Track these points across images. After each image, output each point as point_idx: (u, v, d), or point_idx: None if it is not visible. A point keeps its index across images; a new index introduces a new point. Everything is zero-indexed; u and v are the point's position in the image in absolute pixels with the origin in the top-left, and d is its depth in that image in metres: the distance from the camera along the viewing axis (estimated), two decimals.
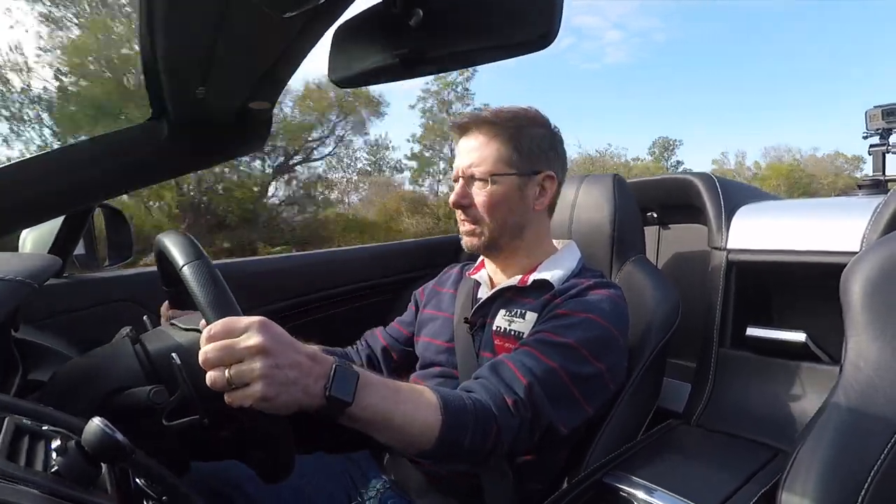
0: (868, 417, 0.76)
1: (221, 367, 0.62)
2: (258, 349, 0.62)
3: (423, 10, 0.51)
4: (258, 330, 0.63)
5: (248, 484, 0.99)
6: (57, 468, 0.51)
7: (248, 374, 0.62)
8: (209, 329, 0.63)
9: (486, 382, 0.88)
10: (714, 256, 1.27)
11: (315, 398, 0.67)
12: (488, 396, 0.85)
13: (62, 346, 1.00)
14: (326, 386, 0.67)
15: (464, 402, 0.82)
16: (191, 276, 0.68)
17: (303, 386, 0.65)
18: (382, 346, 1.24)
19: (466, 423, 0.80)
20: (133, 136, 0.82)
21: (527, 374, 0.88)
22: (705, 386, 1.20)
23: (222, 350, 0.62)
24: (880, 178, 1.56)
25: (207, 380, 0.63)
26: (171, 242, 0.73)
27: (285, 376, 0.63)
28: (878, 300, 0.82)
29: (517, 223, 1.06)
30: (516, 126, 1.04)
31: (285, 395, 0.63)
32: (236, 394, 0.62)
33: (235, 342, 0.62)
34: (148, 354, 0.76)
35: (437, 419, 0.78)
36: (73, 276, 1.25)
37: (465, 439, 0.80)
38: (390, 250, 1.76)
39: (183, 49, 0.63)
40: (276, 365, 0.62)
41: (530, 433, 0.88)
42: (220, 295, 0.67)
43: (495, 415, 0.84)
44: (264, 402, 0.62)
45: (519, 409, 0.86)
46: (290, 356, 0.65)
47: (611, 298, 0.99)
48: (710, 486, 0.88)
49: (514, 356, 0.92)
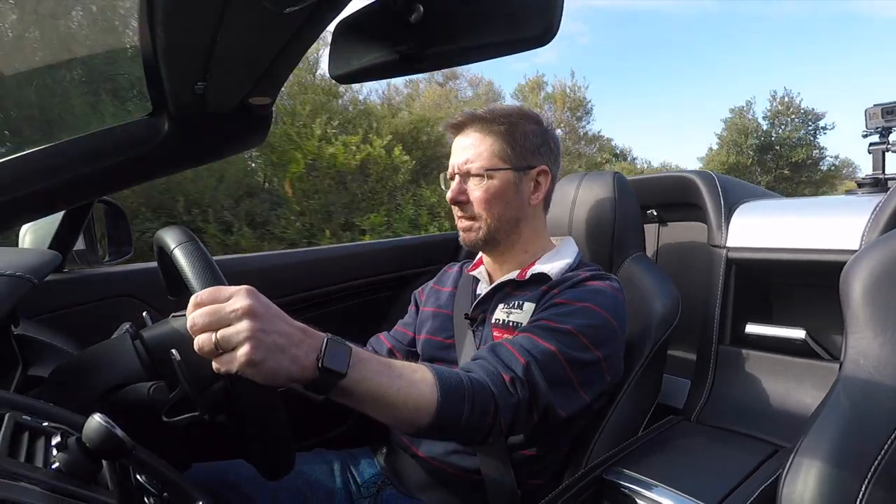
0: (868, 414, 0.76)
1: (209, 331, 0.62)
2: (244, 311, 0.62)
3: (423, 7, 0.51)
4: (245, 295, 0.63)
5: (246, 484, 0.99)
6: (58, 465, 0.51)
7: (234, 336, 0.61)
8: (197, 296, 0.63)
9: (483, 363, 0.88)
10: (714, 254, 1.27)
11: (307, 370, 0.66)
12: (485, 375, 0.85)
13: (62, 342, 1.00)
14: (319, 357, 0.66)
15: (461, 378, 0.81)
16: (181, 256, 0.70)
17: (291, 355, 0.64)
18: (388, 349, 1.24)
19: (463, 400, 0.79)
20: (133, 131, 0.82)
21: (525, 355, 0.88)
22: (705, 382, 1.20)
23: (209, 315, 0.62)
24: (880, 176, 1.56)
25: (195, 345, 0.62)
26: (165, 233, 0.75)
27: (273, 342, 0.63)
28: (878, 297, 0.82)
29: (514, 217, 1.07)
30: (509, 122, 1.05)
31: (272, 360, 0.63)
32: (223, 358, 0.62)
33: (222, 307, 0.62)
34: (148, 350, 0.76)
35: (433, 394, 0.77)
36: (73, 272, 1.25)
37: (462, 416, 0.79)
38: (390, 247, 1.75)
39: (183, 44, 0.63)
40: (262, 329, 0.62)
41: (528, 413, 0.88)
42: (207, 268, 0.68)
43: (493, 392, 0.83)
44: (251, 367, 0.61)
45: (517, 388, 0.85)
46: (278, 324, 0.64)
47: (609, 290, 1.00)
48: (710, 482, 0.88)
49: (512, 339, 0.92)
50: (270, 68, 0.68)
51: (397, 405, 0.74)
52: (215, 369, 0.63)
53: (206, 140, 0.87)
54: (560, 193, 1.32)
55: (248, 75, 0.72)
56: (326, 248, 1.80)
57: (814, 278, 1.19)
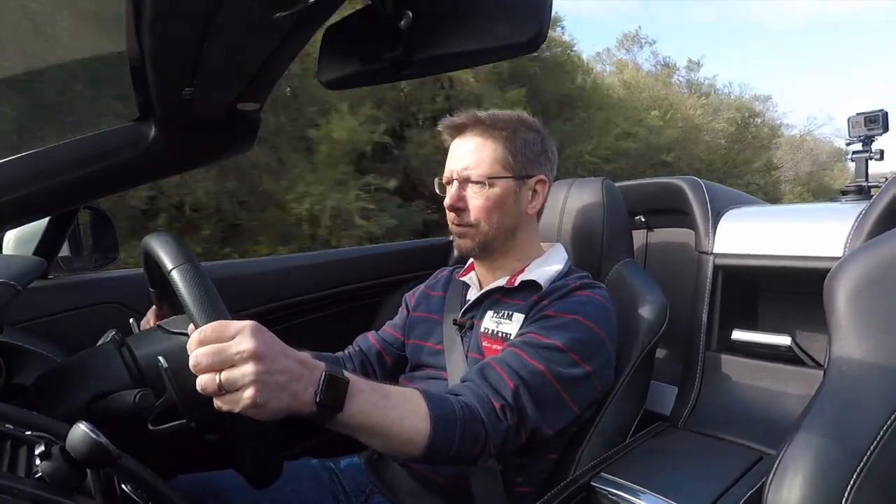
0: (851, 420, 0.77)
1: (212, 371, 0.62)
2: (250, 354, 0.62)
3: (412, 13, 0.51)
4: (250, 334, 0.63)
5: (232, 493, 0.98)
6: (41, 474, 0.50)
7: (239, 379, 0.61)
8: (200, 332, 0.62)
9: (473, 386, 0.89)
10: (701, 260, 1.28)
11: (305, 405, 0.67)
12: (476, 401, 0.86)
13: (47, 350, 0.99)
14: (316, 392, 0.67)
15: (453, 407, 0.83)
16: (179, 280, 0.67)
17: (292, 392, 0.65)
18: (377, 350, 1.23)
19: (454, 430, 0.81)
20: (119, 136, 0.81)
21: (514, 378, 0.89)
22: (692, 389, 1.21)
23: (213, 354, 0.61)
24: (863, 184, 1.58)
25: (198, 384, 0.62)
26: (158, 245, 0.72)
27: (276, 382, 0.63)
28: (861, 304, 0.83)
29: (511, 226, 1.07)
30: (511, 129, 1.05)
31: (275, 400, 0.63)
32: (226, 398, 0.62)
33: (227, 346, 0.62)
34: (134, 358, 0.75)
35: (425, 426, 0.78)
36: (58, 278, 1.23)
37: (453, 445, 0.81)
38: (380, 252, 1.75)
39: (170, 49, 0.63)
40: (267, 371, 0.62)
41: (517, 436, 0.89)
42: (210, 299, 0.66)
43: (483, 420, 0.84)
44: (254, 408, 0.62)
45: (506, 414, 0.87)
46: (282, 362, 0.64)
47: (597, 299, 1.01)
48: (696, 489, 0.89)
49: (501, 359, 0.93)
50: (259, 74, 0.68)
51: (391, 436, 0.76)
52: (216, 407, 0.63)
53: (194, 146, 0.86)
54: (549, 200, 1.32)
55: (236, 81, 0.71)
56: (317, 253, 1.79)
57: (799, 285, 1.20)
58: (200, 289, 0.66)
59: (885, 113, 1.57)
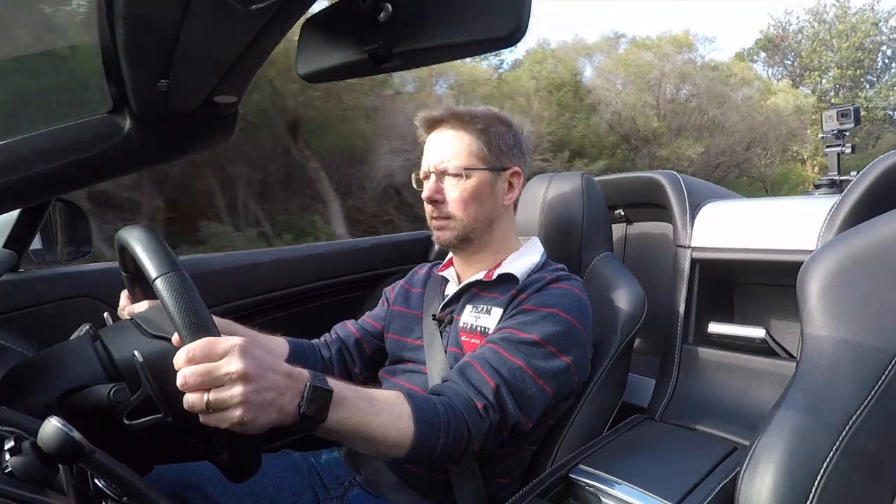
0: (822, 411, 0.78)
1: (201, 391, 0.62)
2: (239, 375, 0.62)
3: (391, 5, 0.51)
4: (239, 354, 0.63)
5: (210, 486, 0.97)
6: (10, 469, 0.49)
7: (228, 400, 0.62)
8: (188, 351, 0.62)
9: (455, 386, 0.90)
10: (679, 254, 1.30)
11: (289, 416, 0.68)
12: (459, 402, 0.88)
13: (18, 344, 0.97)
14: (300, 404, 0.68)
15: (436, 409, 0.84)
16: (165, 291, 0.64)
17: (279, 406, 0.66)
18: (355, 339, 1.23)
19: (438, 432, 0.83)
20: (92, 128, 0.79)
21: (494, 376, 0.90)
22: (669, 381, 1.22)
23: (202, 375, 0.61)
24: (835, 178, 1.61)
25: (185, 403, 0.62)
26: (141, 248, 0.69)
27: (263, 399, 0.64)
28: (832, 296, 0.84)
29: (488, 218, 1.08)
30: (484, 123, 1.06)
31: (262, 417, 0.64)
32: (213, 416, 0.62)
33: (216, 367, 0.62)
34: (108, 352, 0.74)
35: (410, 429, 0.80)
36: (29, 272, 1.21)
37: (437, 447, 0.83)
38: (362, 247, 1.75)
39: (145, 39, 0.62)
40: (255, 390, 0.63)
41: (498, 433, 0.91)
42: (198, 312, 0.64)
43: (466, 421, 0.86)
44: (241, 426, 0.63)
45: (489, 413, 0.89)
46: (269, 379, 0.65)
47: (574, 292, 1.02)
48: (672, 479, 0.90)
49: (481, 357, 0.94)
50: (236, 66, 0.67)
51: (377, 440, 0.78)
52: (203, 421, 0.63)
53: (170, 138, 0.84)
54: (529, 194, 1.33)
55: (213, 73, 0.70)
56: (298, 247, 1.78)
57: (773, 278, 1.22)
58: (187, 300, 0.64)
59: (857, 108, 1.60)
